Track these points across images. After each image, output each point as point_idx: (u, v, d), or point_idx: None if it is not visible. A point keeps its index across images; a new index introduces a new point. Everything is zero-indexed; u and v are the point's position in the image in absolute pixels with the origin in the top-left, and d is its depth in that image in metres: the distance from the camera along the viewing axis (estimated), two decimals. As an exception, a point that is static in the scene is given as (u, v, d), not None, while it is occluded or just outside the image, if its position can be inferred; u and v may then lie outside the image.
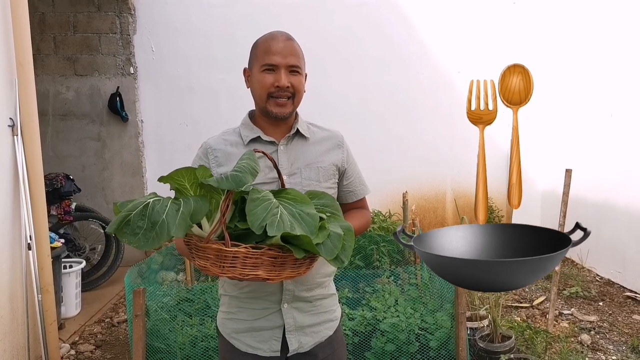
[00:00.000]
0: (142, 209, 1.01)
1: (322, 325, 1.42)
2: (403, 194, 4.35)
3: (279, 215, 1.07)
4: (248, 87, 1.43)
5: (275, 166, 1.24)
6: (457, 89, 5.65)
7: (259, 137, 1.39)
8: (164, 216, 1.00)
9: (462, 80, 5.65)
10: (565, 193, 3.23)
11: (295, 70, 1.35)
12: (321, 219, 1.13)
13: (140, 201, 1.04)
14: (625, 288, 4.26)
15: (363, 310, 2.86)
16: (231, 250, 1.04)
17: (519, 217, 5.42)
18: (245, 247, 1.05)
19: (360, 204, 1.56)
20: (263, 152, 1.21)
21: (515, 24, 5.61)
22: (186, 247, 1.15)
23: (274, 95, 1.33)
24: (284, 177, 1.36)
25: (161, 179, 1.08)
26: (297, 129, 1.42)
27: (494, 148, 5.80)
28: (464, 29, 5.61)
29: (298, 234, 1.04)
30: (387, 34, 5.54)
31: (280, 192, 1.18)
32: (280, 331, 1.36)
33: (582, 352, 3.15)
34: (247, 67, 1.44)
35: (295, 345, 1.36)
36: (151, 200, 1.04)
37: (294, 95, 1.36)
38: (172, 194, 1.13)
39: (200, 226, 1.12)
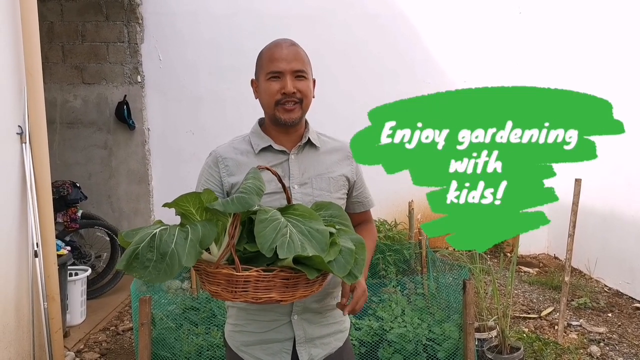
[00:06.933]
0: (149, 241, 0.99)
1: (332, 336, 1.40)
2: (409, 202, 4.33)
3: (288, 235, 1.04)
4: (256, 98, 1.41)
5: (280, 181, 1.21)
6: (463, 98, 5.64)
7: (270, 146, 1.38)
8: (172, 246, 0.98)
9: (468, 89, 5.65)
10: (575, 203, 3.20)
11: (301, 75, 1.33)
12: (331, 234, 1.10)
13: (146, 232, 1.01)
14: (634, 299, 4.21)
15: (370, 320, 2.84)
16: (242, 275, 1.01)
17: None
18: (257, 271, 1.02)
19: (367, 216, 1.57)
20: (268, 168, 1.19)
21: (521, 34, 5.61)
22: (196, 272, 1.12)
23: (282, 102, 1.31)
24: (295, 187, 1.35)
25: (166, 205, 1.07)
26: (308, 138, 1.40)
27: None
28: (470, 38, 5.62)
29: (310, 254, 1.01)
30: (393, 42, 5.56)
31: (288, 208, 1.16)
32: (290, 343, 1.34)
33: (591, 364, 3.11)
34: (254, 78, 1.42)
35: (306, 357, 1.34)
36: (158, 230, 1.02)
37: (301, 100, 1.33)
38: (174, 215, 1.11)
39: (208, 251, 1.09)
